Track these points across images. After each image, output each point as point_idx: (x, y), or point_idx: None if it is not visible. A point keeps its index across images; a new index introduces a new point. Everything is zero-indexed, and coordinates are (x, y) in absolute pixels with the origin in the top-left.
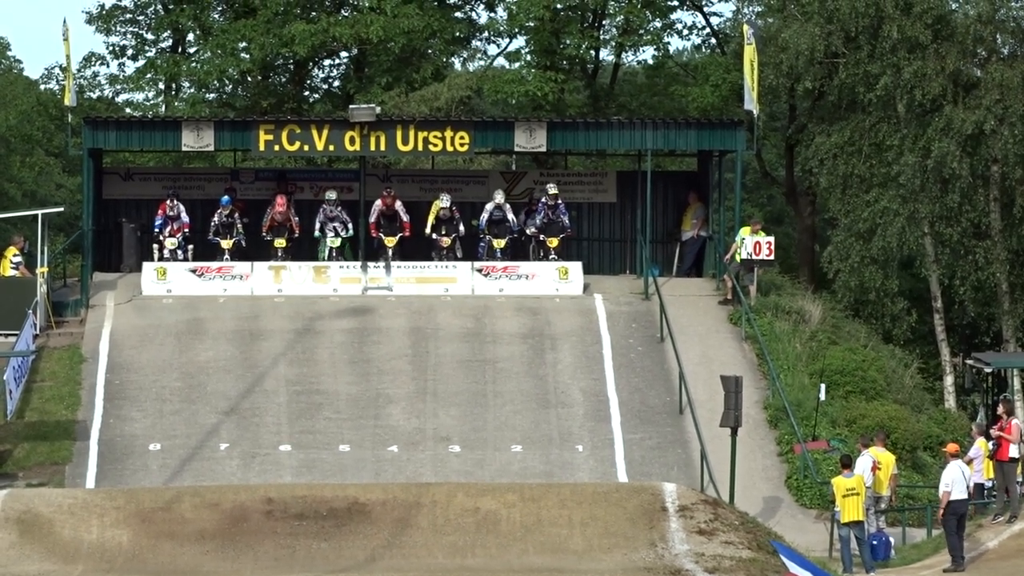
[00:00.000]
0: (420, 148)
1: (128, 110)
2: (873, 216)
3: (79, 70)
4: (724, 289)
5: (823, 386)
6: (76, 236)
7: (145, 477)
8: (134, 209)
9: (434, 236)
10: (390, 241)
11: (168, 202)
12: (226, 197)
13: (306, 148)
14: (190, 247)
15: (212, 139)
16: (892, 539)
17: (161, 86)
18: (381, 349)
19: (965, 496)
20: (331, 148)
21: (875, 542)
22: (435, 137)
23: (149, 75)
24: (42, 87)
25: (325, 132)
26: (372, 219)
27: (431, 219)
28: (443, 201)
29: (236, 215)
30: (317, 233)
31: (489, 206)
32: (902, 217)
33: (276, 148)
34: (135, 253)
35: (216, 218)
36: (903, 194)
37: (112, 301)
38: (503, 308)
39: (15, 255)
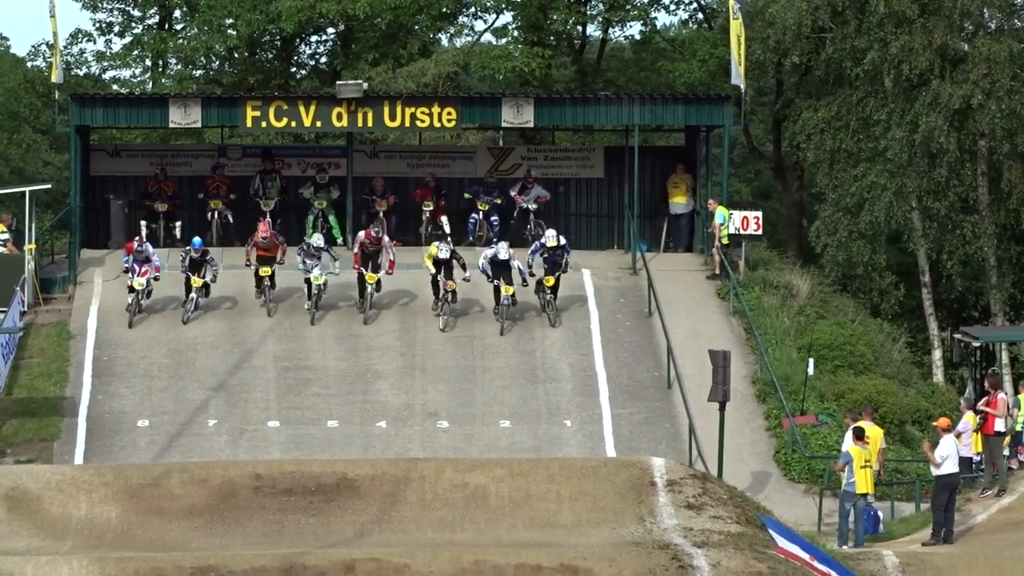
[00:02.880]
0: (407, 124)
1: (115, 87)
2: (861, 191)
3: (66, 47)
4: (712, 264)
5: (811, 360)
6: (64, 213)
7: (133, 453)
8: (121, 186)
9: (438, 279)
10: (371, 278)
11: (135, 242)
12: (198, 239)
13: (293, 124)
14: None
15: (199, 116)
16: (881, 513)
17: (148, 63)
18: (369, 325)
19: (957, 470)
20: (318, 124)
21: (865, 513)
22: (422, 113)
23: (136, 52)
24: (29, 64)
25: (312, 108)
26: (355, 250)
27: (428, 262)
28: (442, 252)
29: (209, 256)
30: (298, 266)
31: (489, 252)
32: (890, 192)
33: (263, 124)
34: (123, 230)
35: (184, 257)
36: (890, 169)
37: (100, 278)
38: (491, 284)
39: (2, 232)
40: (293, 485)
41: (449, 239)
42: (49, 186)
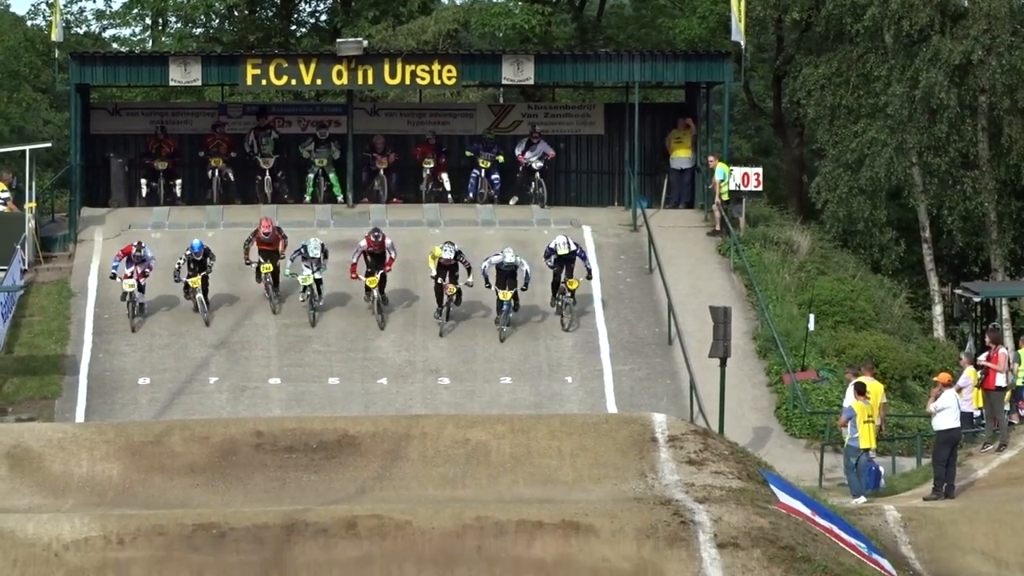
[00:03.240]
0: (407, 82)
1: (115, 45)
2: (861, 147)
3: (65, 5)
4: (712, 220)
5: (812, 316)
6: (64, 171)
7: (135, 411)
8: (122, 144)
9: (438, 280)
10: (372, 282)
11: (134, 247)
12: (198, 241)
13: (293, 82)
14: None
15: (199, 74)
16: (882, 468)
17: (148, 21)
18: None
19: (958, 425)
20: (318, 82)
21: (868, 468)
22: (422, 71)
23: (136, 10)
24: (29, 23)
25: (312, 66)
26: (354, 260)
27: (432, 264)
28: (446, 252)
29: (208, 259)
30: (287, 271)
31: (495, 258)
32: (890, 148)
33: (263, 83)
34: (123, 188)
35: (183, 260)
36: (891, 125)
37: (100, 236)
38: (492, 240)
39: (3, 191)
40: (294, 442)
41: (455, 247)
42: (49, 145)
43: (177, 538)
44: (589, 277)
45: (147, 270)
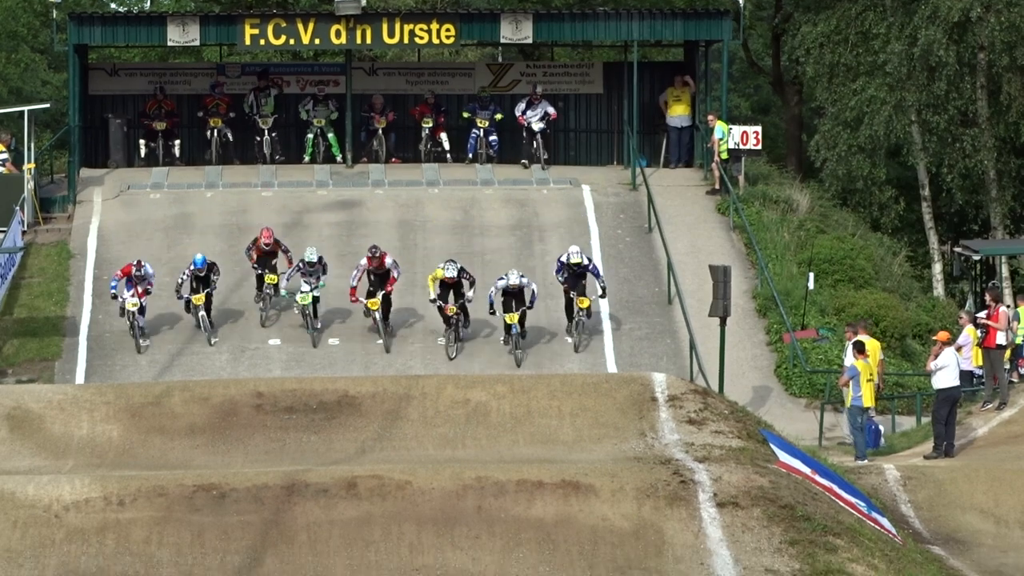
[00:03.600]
0: (406, 41)
1: (113, 6)
2: (860, 105)
3: None
4: (711, 179)
5: (811, 275)
6: (63, 132)
7: (135, 372)
8: (120, 105)
9: (439, 304)
10: (373, 304)
11: (134, 267)
12: (200, 257)
13: (292, 42)
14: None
15: (198, 34)
16: (881, 427)
17: None
18: (369, 242)
19: (957, 383)
20: (317, 42)
21: (868, 428)
22: (421, 30)
23: None
24: None
25: (311, 26)
26: (354, 282)
27: (432, 286)
28: (448, 271)
29: (212, 274)
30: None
31: (500, 283)
32: (889, 105)
33: (262, 42)
34: (122, 148)
35: (186, 275)
36: (890, 83)
37: (100, 197)
38: (491, 200)
39: (1, 152)
40: (294, 403)
41: (457, 265)
42: (48, 105)
43: (177, 499)
44: (603, 295)
45: (148, 288)
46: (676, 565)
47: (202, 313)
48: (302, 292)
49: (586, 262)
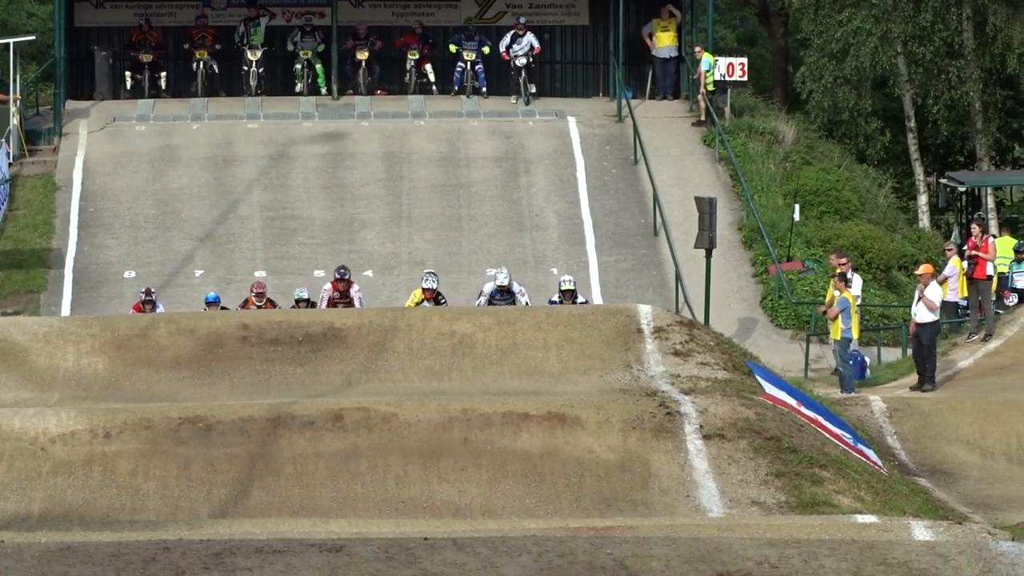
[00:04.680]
0: None
1: None
2: (846, 36)
3: None
4: (697, 110)
5: (797, 206)
6: (48, 64)
7: (120, 304)
8: (106, 37)
9: None
10: None
11: (141, 297)
12: (213, 294)
13: None
14: None
15: None
16: (867, 358)
17: None
18: (355, 174)
19: (931, 319)
20: None
21: (852, 360)
22: None
23: None
24: None
25: None
26: (323, 306)
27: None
28: (427, 281)
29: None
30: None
31: (488, 288)
32: (875, 37)
33: None
34: (107, 81)
35: None
36: (876, 14)
37: (85, 129)
38: (477, 132)
39: None
40: (280, 335)
41: (436, 279)
42: (33, 37)
43: (163, 432)
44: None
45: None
46: (662, 497)
47: None
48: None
49: (580, 300)
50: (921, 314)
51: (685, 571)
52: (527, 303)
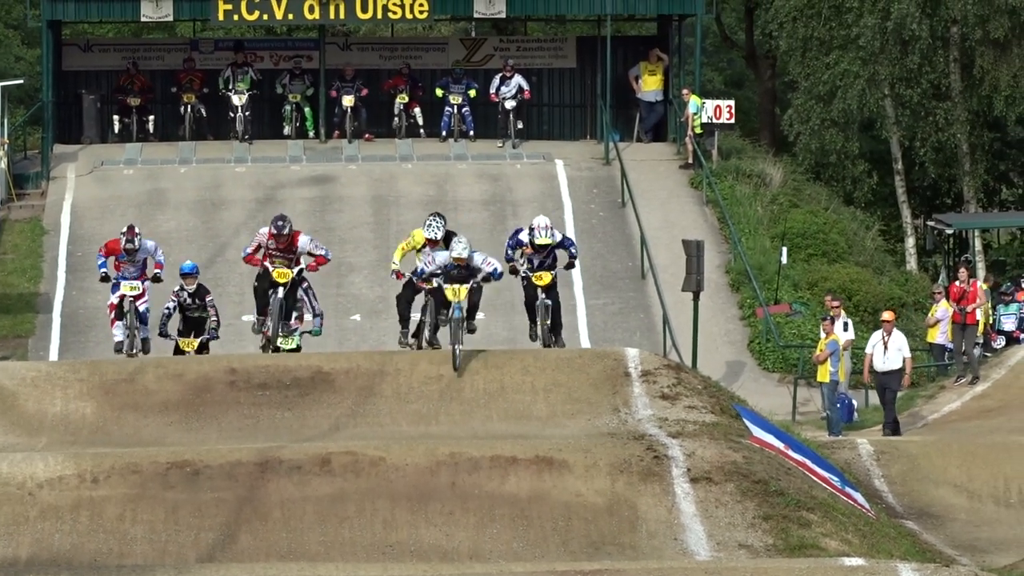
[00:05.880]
0: (379, 16)
1: None
2: (833, 78)
3: None
4: (685, 153)
5: (785, 249)
6: (36, 108)
7: (108, 349)
8: (94, 80)
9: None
10: (281, 276)
11: (123, 238)
12: (190, 263)
13: (265, 17)
14: None
15: (171, 9)
16: (855, 402)
17: None
18: (343, 217)
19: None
20: (290, 17)
21: (838, 404)
22: (394, 4)
23: None
24: None
25: (284, 1)
26: (250, 249)
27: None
28: (430, 230)
29: (209, 299)
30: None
31: (442, 258)
32: (862, 79)
33: (235, 18)
34: (95, 124)
35: (171, 306)
36: (863, 56)
37: (73, 173)
38: (464, 175)
39: None
40: (268, 379)
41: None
42: (21, 81)
43: (151, 476)
44: (570, 265)
45: (157, 269)
46: (650, 540)
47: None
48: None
49: (558, 238)
50: (892, 361)
51: None
52: (494, 271)
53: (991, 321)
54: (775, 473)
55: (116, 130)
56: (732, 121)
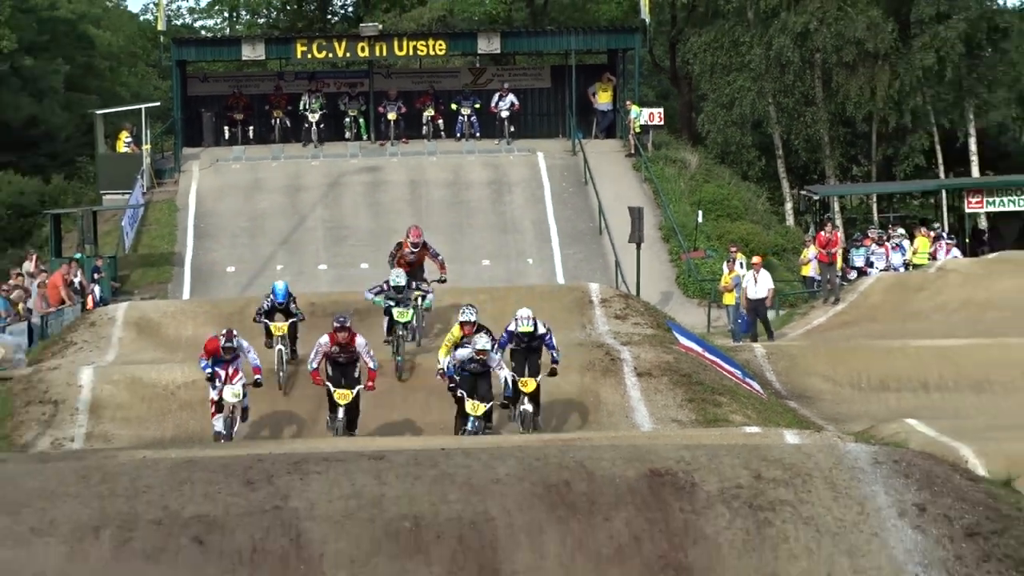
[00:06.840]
0: (411, 53)
1: (203, 32)
2: (733, 92)
3: (168, 3)
4: (629, 146)
5: (700, 212)
6: (169, 123)
7: (224, 291)
8: (210, 102)
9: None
10: (343, 397)
11: (222, 338)
12: (283, 285)
13: (330, 55)
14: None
15: (263, 51)
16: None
17: (226, 14)
18: (388, 195)
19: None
20: (347, 55)
21: (739, 320)
22: (421, 45)
23: (217, 6)
24: (141, 17)
25: (343, 44)
26: (314, 365)
27: (448, 344)
28: (464, 314)
29: (294, 307)
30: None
31: (463, 353)
32: (753, 92)
33: (309, 56)
34: (212, 133)
35: (266, 305)
36: (753, 76)
37: (197, 168)
38: (473, 165)
39: (127, 137)
40: (337, 310)
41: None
42: (158, 104)
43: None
44: (553, 372)
45: (256, 375)
46: (609, 418)
47: (280, 347)
48: (402, 309)
49: (541, 330)
50: (760, 291)
51: (625, 467)
52: (506, 378)
53: (847, 260)
54: (696, 369)
55: (226, 137)
56: (662, 123)
